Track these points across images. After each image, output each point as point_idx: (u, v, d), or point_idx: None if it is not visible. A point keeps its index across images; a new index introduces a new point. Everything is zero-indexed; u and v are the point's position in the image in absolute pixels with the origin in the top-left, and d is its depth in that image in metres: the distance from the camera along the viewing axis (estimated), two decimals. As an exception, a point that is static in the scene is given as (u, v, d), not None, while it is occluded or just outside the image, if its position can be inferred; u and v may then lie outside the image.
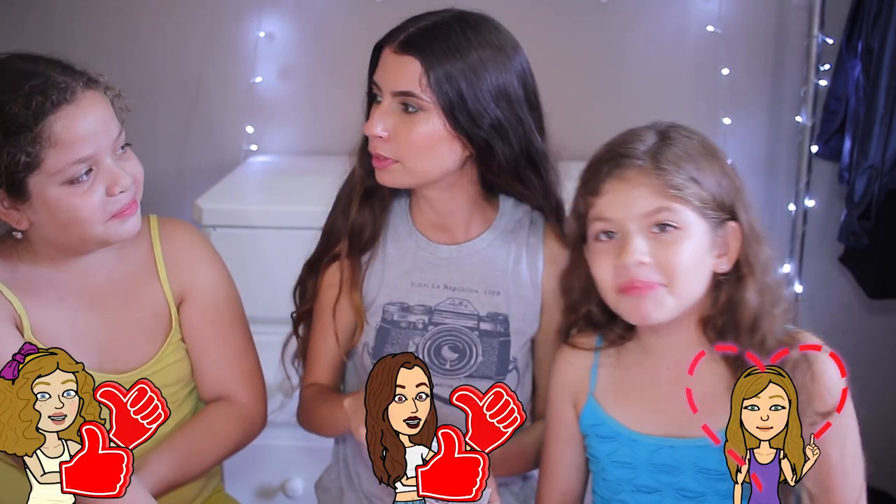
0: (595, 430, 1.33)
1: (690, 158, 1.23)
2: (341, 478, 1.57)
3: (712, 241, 1.24)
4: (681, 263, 1.21)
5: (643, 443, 1.29)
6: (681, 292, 1.23)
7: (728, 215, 1.25)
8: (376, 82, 1.40)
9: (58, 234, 1.35)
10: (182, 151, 2.53)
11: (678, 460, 1.27)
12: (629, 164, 1.23)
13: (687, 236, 1.22)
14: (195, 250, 1.52)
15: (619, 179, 1.23)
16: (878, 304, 2.45)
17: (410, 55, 1.36)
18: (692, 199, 1.21)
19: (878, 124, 2.16)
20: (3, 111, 1.27)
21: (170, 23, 2.48)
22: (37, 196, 1.31)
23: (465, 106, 1.37)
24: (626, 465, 1.30)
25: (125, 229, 1.37)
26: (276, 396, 1.98)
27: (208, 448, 1.46)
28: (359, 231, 1.48)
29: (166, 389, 1.47)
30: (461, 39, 1.38)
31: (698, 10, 2.43)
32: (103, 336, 1.43)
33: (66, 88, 1.29)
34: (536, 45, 2.47)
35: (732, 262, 1.26)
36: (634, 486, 1.30)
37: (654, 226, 1.22)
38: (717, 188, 1.24)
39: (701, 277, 1.25)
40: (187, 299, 1.49)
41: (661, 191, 1.21)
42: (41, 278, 1.40)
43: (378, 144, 1.39)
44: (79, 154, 1.30)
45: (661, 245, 1.21)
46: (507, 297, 1.48)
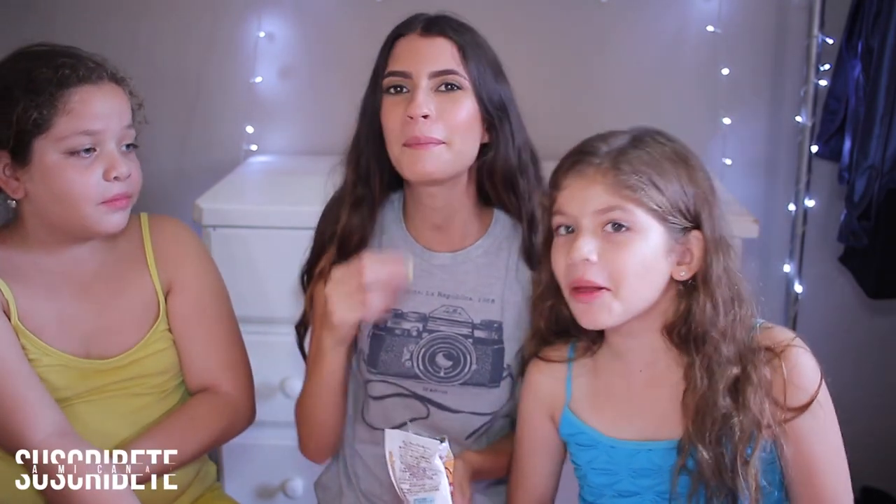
0: (574, 439, 1.34)
1: (654, 163, 1.22)
2: (340, 477, 1.57)
3: (669, 247, 1.23)
4: (627, 266, 1.21)
5: (621, 448, 1.29)
6: (627, 296, 1.22)
7: (691, 223, 1.24)
8: (400, 70, 1.39)
9: (50, 209, 1.39)
10: (182, 151, 2.53)
11: (656, 463, 1.27)
12: (589, 161, 1.24)
13: (639, 238, 1.21)
14: (184, 244, 1.56)
15: (577, 175, 1.24)
16: (878, 304, 2.45)
17: (443, 36, 1.38)
18: (648, 202, 1.21)
19: (878, 124, 2.16)
20: (31, 73, 1.37)
21: (170, 23, 2.48)
22: (37, 161, 1.37)
23: (488, 88, 1.40)
24: (606, 471, 1.31)
25: (112, 221, 1.41)
26: (275, 396, 1.99)
27: (190, 436, 1.48)
28: (348, 237, 1.47)
29: (153, 378, 1.49)
30: (474, 32, 1.42)
31: (698, 10, 2.43)
32: (91, 323, 1.46)
33: (93, 70, 1.39)
34: (536, 45, 2.49)
35: (693, 270, 1.25)
36: (615, 492, 1.31)
37: (607, 224, 1.22)
38: (680, 195, 1.23)
39: (652, 282, 1.24)
40: (175, 290, 1.52)
41: (616, 190, 1.21)
42: (32, 265, 1.43)
43: (423, 126, 1.36)
44: (87, 126, 1.36)
45: (612, 245, 1.21)
46: (501, 305, 1.48)
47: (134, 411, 1.47)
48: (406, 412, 1.49)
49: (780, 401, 1.22)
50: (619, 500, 1.31)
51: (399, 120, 1.38)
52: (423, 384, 1.48)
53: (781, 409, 1.21)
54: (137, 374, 1.48)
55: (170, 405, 1.52)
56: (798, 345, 1.24)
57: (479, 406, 1.48)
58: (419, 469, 1.29)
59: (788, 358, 1.23)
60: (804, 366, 1.23)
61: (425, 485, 1.28)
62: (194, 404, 1.52)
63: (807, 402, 1.21)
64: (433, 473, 1.28)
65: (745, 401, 1.21)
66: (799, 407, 1.21)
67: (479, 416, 1.49)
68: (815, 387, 1.22)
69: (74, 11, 2.46)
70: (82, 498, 1.32)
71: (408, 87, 1.38)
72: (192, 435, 1.48)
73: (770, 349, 1.24)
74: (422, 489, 1.28)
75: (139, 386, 1.48)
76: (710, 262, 1.24)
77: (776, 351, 1.23)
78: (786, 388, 1.21)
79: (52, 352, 1.41)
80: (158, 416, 1.50)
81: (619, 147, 1.24)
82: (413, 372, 1.47)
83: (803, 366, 1.23)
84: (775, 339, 1.25)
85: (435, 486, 1.28)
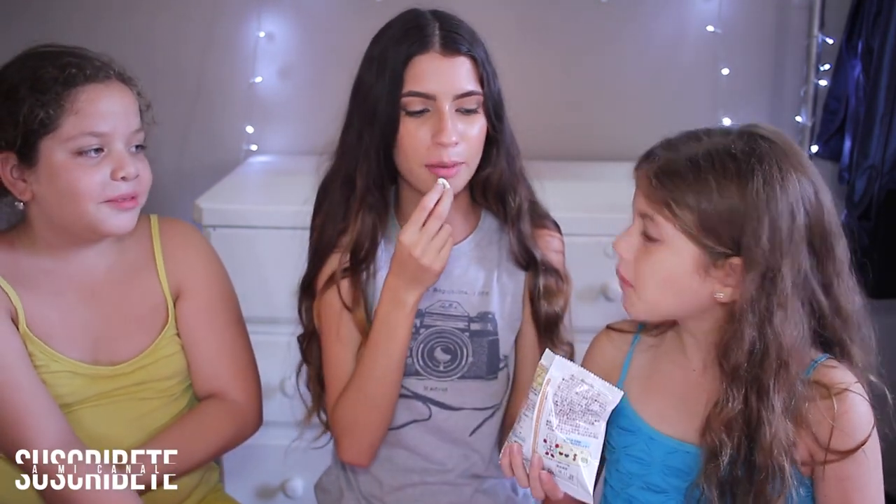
0: (616, 421, 1.30)
1: (698, 181, 1.15)
2: (340, 479, 1.57)
3: (705, 267, 1.18)
4: (648, 274, 1.20)
5: (661, 442, 1.27)
6: (648, 300, 1.22)
7: (731, 250, 1.16)
8: (424, 92, 1.37)
9: (56, 210, 1.38)
10: (182, 151, 2.53)
11: (690, 466, 1.24)
12: (642, 162, 1.22)
13: (667, 251, 1.18)
14: (194, 248, 1.54)
15: (635, 172, 1.23)
16: (879, 304, 2.44)
17: (463, 55, 1.38)
18: (677, 221, 1.16)
19: (878, 124, 2.16)
20: (38, 72, 1.35)
21: (170, 23, 2.48)
22: (44, 162, 1.36)
23: (494, 99, 1.41)
24: (640, 460, 1.29)
25: (118, 221, 1.39)
26: (275, 396, 1.99)
27: (198, 444, 1.47)
28: (361, 244, 1.46)
29: (161, 383, 1.48)
30: (476, 37, 1.41)
31: (698, 10, 2.43)
32: (99, 329, 1.44)
33: (100, 69, 1.38)
34: (536, 44, 2.49)
35: (735, 295, 1.18)
36: (644, 483, 1.29)
37: (644, 229, 1.21)
38: (720, 219, 1.15)
39: (678, 295, 1.21)
40: (184, 295, 1.51)
41: (651, 200, 1.18)
42: (39, 270, 1.42)
43: (453, 151, 1.37)
44: (94, 127, 1.35)
45: (643, 250, 1.21)
46: (494, 297, 1.49)
47: (141, 416, 1.47)
48: (407, 414, 1.49)
49: (824, 441, 1.18)
50: (646, 493, 1.28)
51: (423, 143, 1.38)
52: (423, 381, 1.48)
53: (823, 449, 1.18)
54: (145, 380, 1.47)
55: (177, 410, 1.51)
56: (857, 391, 1.19)
57: (479, 400, 1.49)
58: (579, 409, 1.21)
59: (843, 401, 1.18)
60: (857, 413, 1.18)
61: (580, 427, 1.21)
62: (202, 411, 1.51)
63: (851, 448, 1.17)
64: (595, 419, 1.21)
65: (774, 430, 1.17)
66: (842, 451, 1.17)
67: (479, 412, 1.50)
68: (864, 436, 1.18)
69: (74, 11, 2.46)
70: (83, 498, 1.32)
71: (430, 108, 1.38)
72: (200, 442, 1.47)
73: (825, 387, 1.19)
74: (575, 429, 1.21)
75: (147, 391, 1.47)
76: (750, 294, 1.16)
77: (832, 391, 1.18)
78: (833, 430, 1.17)
79: (59, 358, 1.40)
80: (165, 421, 1.48)
81: (672, 155, 1.18)
82: (413, 368, 1.47)
83: (856, 413, 1.18)
84: (834, 379, 1.19)
85: (594, 434, 1.21)
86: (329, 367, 1.49)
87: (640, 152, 1.23)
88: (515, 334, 1.51)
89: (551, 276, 1.50)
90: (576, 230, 1.64)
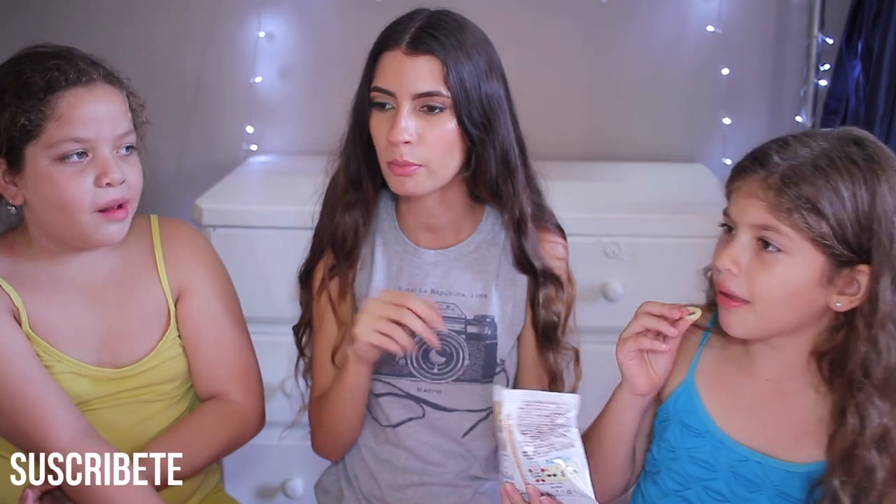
0: (683, 418, 1.27)
1: (826, 186, 1.12)
2: (341, 479, 1.57)
3: (829, 276, 1.15)
4: (768, 287, 1.15)
5: (731, 448, 1.23)
6: (765, 315, 1.17)
7: (859, 256, 1.14)
8: (385, 88, 1.37)
9: (46, 218, 1.37)
10: (182, 151, 2.53)
11: (760, 477, 1.21)
12: (757, 170, 1.16)
13: (790, 262, 1.14)
14: (195, 249, 1.53)
15: (743, 182, 1.18)
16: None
17: (428, 54, 1.35)
18: (806, 228, 1.12)
19: (878, 124, 2.16)
20: (21, 77, 1.33)
21: (170, 23, 2.48)
22: (30, 168, 1.34)
23: (470, 102, 1.36)
24: (705, 464, 1.25)
25: (109, 232, 1.37)
26: (276, 396, 1.99)
27: (201, 446, 1.47)
28: (342, 240, 1.46)
29: (163, 386, 1.48)
30: (463, 36, 1.38)
31: (698, 10, 2.43)
32: (102, 331, 1.44)
33: (84, 73, 1.34)
34: (536, 45, 2.48)
35: (855, 304, 1.16)
36: (705, 488, 1.25)
37: (760, 239, 1.16)
38: (850, 225, 1.12)
39: (797, 308, 1.17)
40: (185, 296, 1.50)
41: (774, 209, 1.14)
42: (41, 272, 1.41)
43: (405, 150, 1.36)
44: (75, 133, 1.32)
45: (760, 263, 1.16)
46: (493, 300, 1.48)
47: (143, 419, 1.46)
48: (402, 412, 1.49)
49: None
50: (707, 499, 1.24)
51: (384, 139, 1.37)
52: (416, 383, 1.48)
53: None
54: (148, 383, 1.46)
55: (179, 412, 1.51)
56: None
57: (473, 403, 1.49)
58: (546, 429, 1.20)
59: None
60: None
61: (555, 444, 1.20)
62: (203, 413, 1.50)
63: None
64: (566, 430, 1.20)
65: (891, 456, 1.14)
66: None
67: (473, 413, 1.49)
68: None
69: (73, 11, 2.46)
70: (106, 495, 1.31)
71: (392, 104, 1.37)
72: (202, 444, 1.47)
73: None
74: (552, 448, 1.20)
75: (149, 394, 1.47)
76: (878, 302, 1.13)
77: None
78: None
79: (63, 358, 1.39)
80: (167, 423, 1.48)
81: (792, 161, 1.15)
82: (407, 370, 1.47)
83: None
84: None
85: (570, 443, 1.20)
86: (316, 357, 1.51)
87: (640, 152, 1.22)
88: (515, 338, 1.51)
89: (551, 285, 1.48)
90: (576, 230, 1.64)
